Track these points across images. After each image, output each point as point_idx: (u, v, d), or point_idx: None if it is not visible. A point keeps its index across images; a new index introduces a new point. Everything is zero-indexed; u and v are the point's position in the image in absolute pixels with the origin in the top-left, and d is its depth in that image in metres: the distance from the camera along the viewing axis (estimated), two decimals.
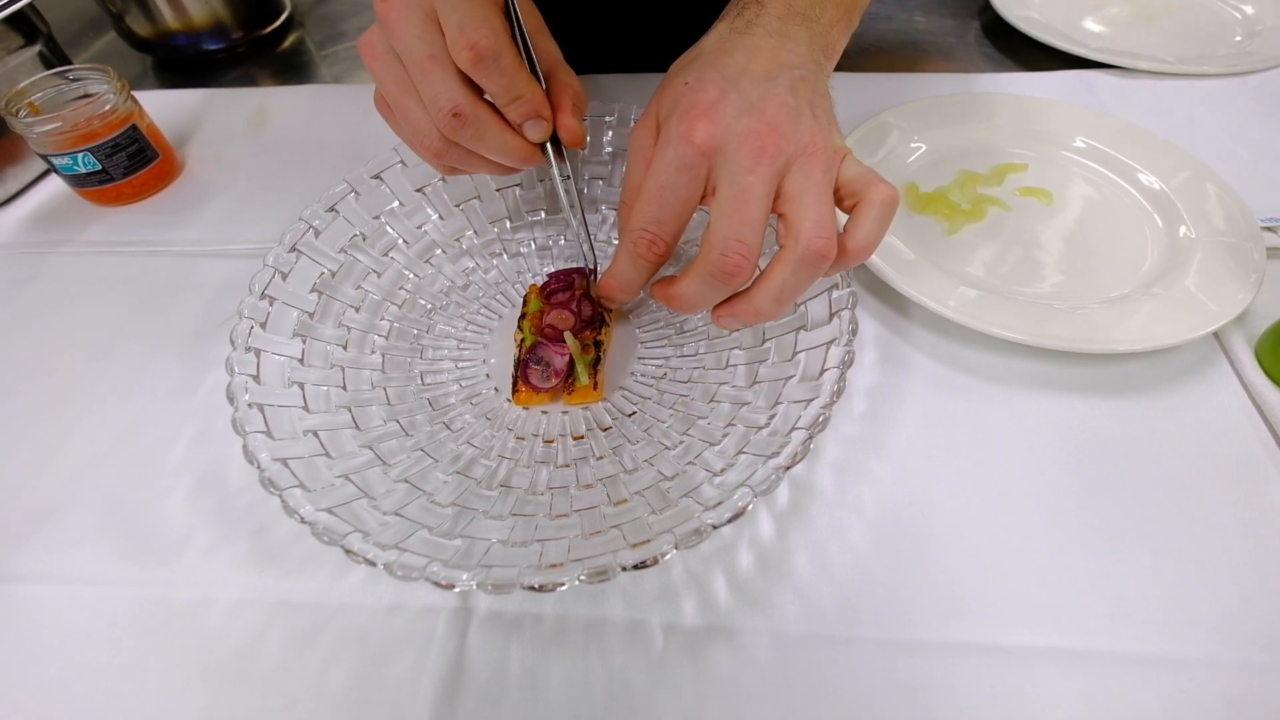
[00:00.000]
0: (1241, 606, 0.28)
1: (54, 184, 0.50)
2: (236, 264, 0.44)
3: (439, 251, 0.41)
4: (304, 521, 0.26)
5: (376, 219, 0.40)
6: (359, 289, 0.38)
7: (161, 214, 0.49)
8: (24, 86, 0.46)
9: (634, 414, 0.34)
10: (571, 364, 0.35)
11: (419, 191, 0.41)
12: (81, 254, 0.46)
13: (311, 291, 0.37)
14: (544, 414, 0.35)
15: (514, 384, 0.35)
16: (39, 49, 0.51)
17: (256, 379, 0.32)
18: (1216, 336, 0.36)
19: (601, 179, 0.43)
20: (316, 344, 0.35)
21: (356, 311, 0.38)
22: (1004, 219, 0.43)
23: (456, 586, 0.25)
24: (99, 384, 0.39)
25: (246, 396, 0.31)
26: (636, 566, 0.25)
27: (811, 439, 0.27)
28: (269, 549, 0.32)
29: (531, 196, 0.43)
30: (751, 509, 0.26)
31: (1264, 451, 0.33)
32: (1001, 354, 0.36)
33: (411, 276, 0.40)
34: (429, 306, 0.39)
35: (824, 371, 0.30)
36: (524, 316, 0.37)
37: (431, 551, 0.26)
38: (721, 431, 0.31)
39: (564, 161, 0.32)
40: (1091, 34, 0.58)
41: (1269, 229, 0.39)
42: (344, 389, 0.34)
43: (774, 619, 0.29)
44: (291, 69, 0.64)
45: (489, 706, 0.27)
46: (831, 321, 0.32)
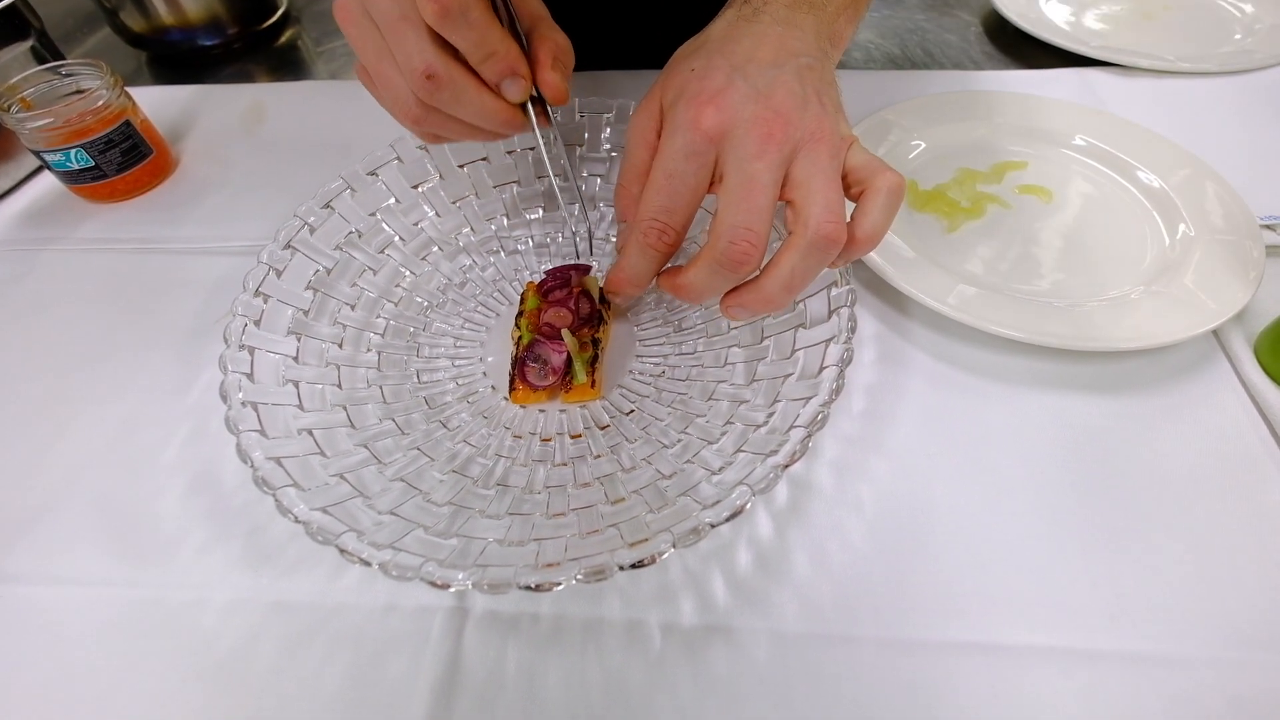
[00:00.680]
0: (1241, 605, 0.28)
1: (47, 180, 0.50)
2: (231, 261, 0.44)
3: (435, 249, 0.41)
4: (298, 521, 0.26)
5: (372, 216, 0.40)
6: (355, 286, 0.38)
7: (155, 211, 0.48)
8: (16, 82, 0.45)
9: (632, 412, 0.34)
10: (569, 362, 0.34)
11: (415, 188, 0.41)
12: (75, 251, 0.46)
13: (306, 289, 0.36)
14: (541, 412, 0.35)
15: (511, 382, 0.35)
16: (31, 44, 0.51)
17: (250, 377, 0.32)
18: (1215, 334, 0.36)
19: (600, 176, 0.43)
20: (311, 342, 0.35)
21: (352, 309, 0.37)
22: (1003, 217, 0.43)
23: (452, 586, 0.24)
24: (92, 382, 0.38)
25: (240, 395, 0.30)
26: (634, 566, 0.24)
27: (810, 437, 0.27)
28: (263, 549, 0.31)
29: (529, 193, 0.43)
30: (750, 507, 0.26)
31: (1263, 449, 0.33)
32: (1001, 352, 0.36)
33: (408, 274, 0.40)
34: (425, 304, 0.39)
35: (823, 369, 0.30)
36: (521, 314, 0.37)
37: (427, 551, 0.26)
38: (720, 430, 0.31)
39: (549, 124, 0.31)
40: (1091, 32, 0.58)
41: (1268, 227, 0.39)
42: (339, 387, 0.34)
43: (773, 618, 0.29)
44: (287, 65, 0.64)
45: (485, 707, 0.27)
46: (830, 319, 0.32)
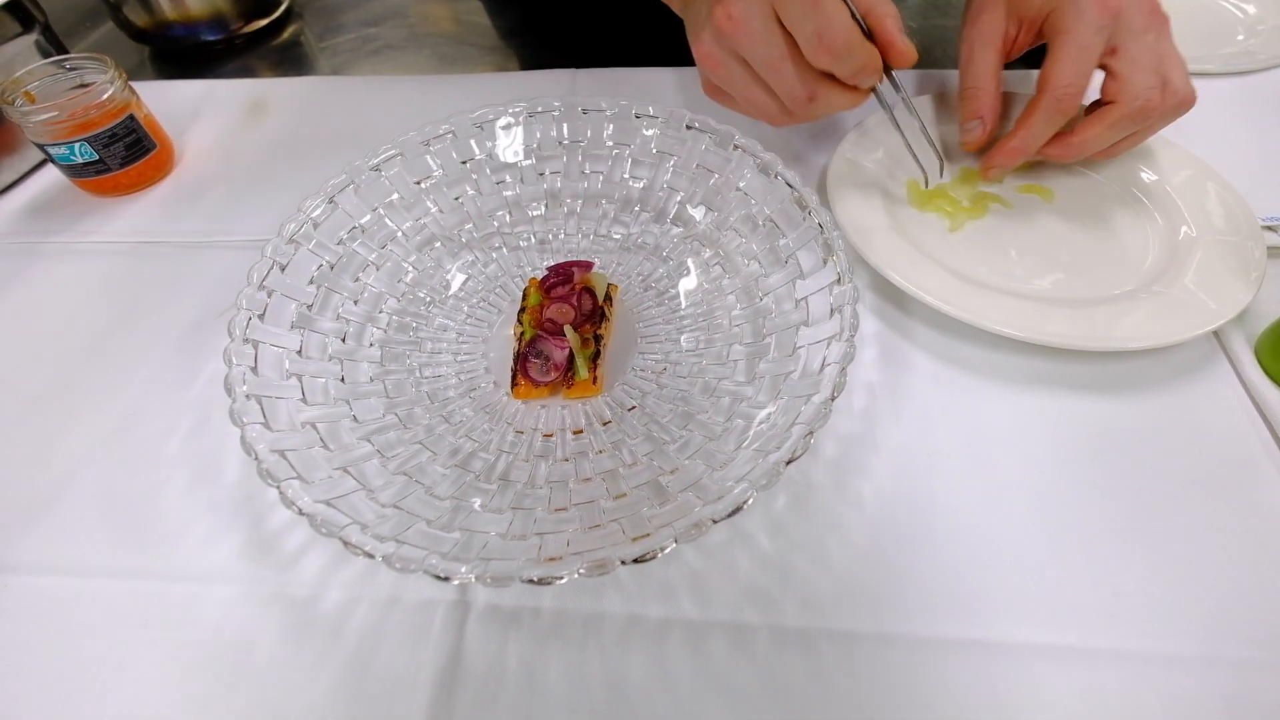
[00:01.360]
0: (1240, 604, 0.28)
1: (50, 174, 0.50)
2: (234, 255, 0.44)
3: (438, 244, 0.41)
4: (302, 513, 0.26)
5: (376, 211, 0.40)
6: (358, 281, 0.38)
7: (159, 205, 0.48)
8: (20, 75, 0.45)
9: (634, 408, 0.34)
10: (571, 358, 0.35)
11: (418, 184, 0.41)
12: (78, 245, 0.46)
13: (310, 283, 0.36)
14: (543, 408, 0.35)
15: (513, 378, 0.35)
16: (35, 37, 0.51)
17: (254, 370, 0.32)
18: (1216, 335, 0.36)
19: (601, 173, 0.43)
20: (315, 336, 0.35)
21: (355, 304, 0.38)
22: (1005, 216, 0.43)
23: (455, 579, 0.24)
24: (95, 375, 0.38)
25: (244, 388, 0.31)
26: (636, 560, 0.24)
27: (812, 434, 0.27)
28: (266, 541, 0.31)
29: (532, 191, 0.43)
30: (751, 504, 0.26)
31: (1263, 450, 0.33)
32: (1001, 351, 0.36)
33: (411, 269, 0.40)
34: (428, 299, 0.39)
35: (824, 367, 0.30)
36: (523, 310, 0.37)
37: (430, 544, 0.26)
38: (721, 426, 0.31)
39: (895, 85, 0.37)
40: None
41: (1269, 228, 0.39)
42: (342, 381, 0.34)
43: (773, 614, 0.29)
44: (290, 61, 0.64)
45: (486, 700, 0.27)
46: (833, 317, 0.32)
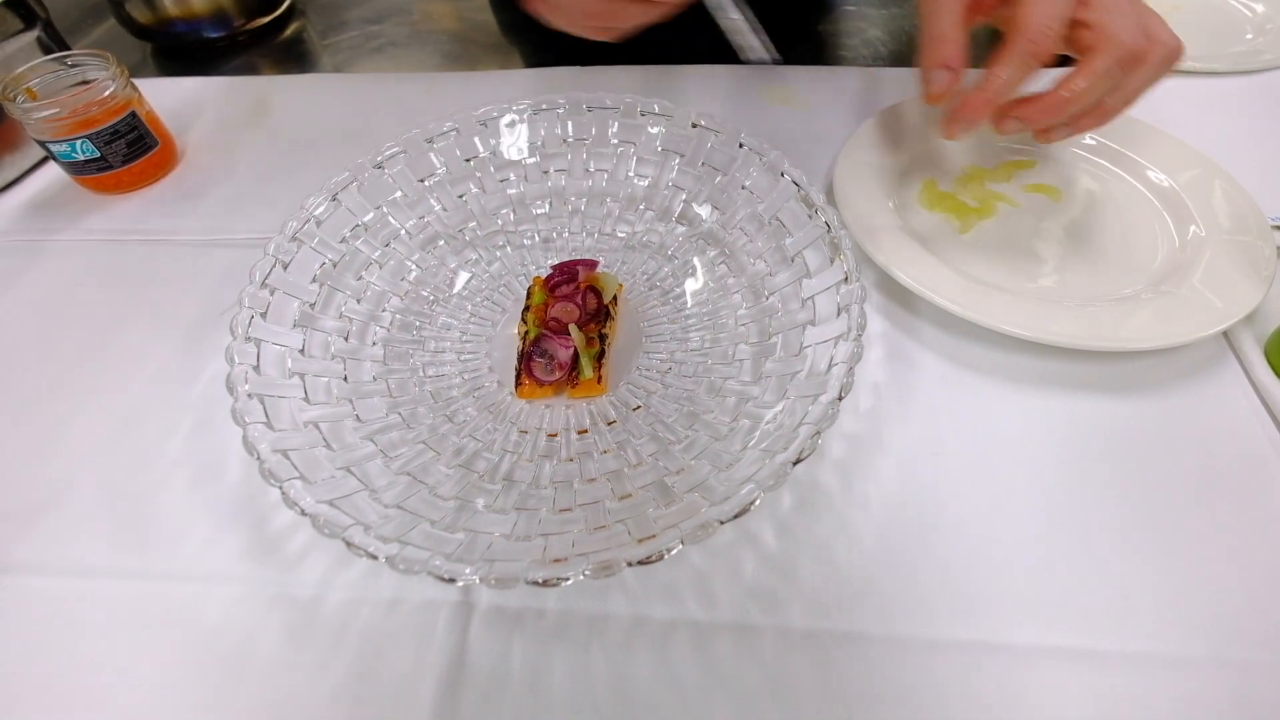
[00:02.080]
0: (1249, 606, 0.28)
1: (52, 171, 0.50)
2: (237, 253, 0.44)
3: (441, 243, 0.41)
4: (304, 514, 0.26)
5: (379, 209, 0.39)
6: (361, 280, 0.38)
7: (161, 203, 0.48)
8: (21, 72, 0.45)
9: (639, 408, 0.34)
10: (576, 357, 0.34)
11: (421, 182, 0.41)
12: (80, 242, 0.46)
13: (313, 282, 0.36)
14: (547, 408, 0.35)
15: (517, 377, 0.35)
16: (37, 34, 0.50)
17: (257, 369, 0.31)
18: (1226, 335, 0.36)
19: (606, 171, 0.43)
20: (318, 335, 0.35)
21: (358, 302, 0.37)
22: (1013, 216, 0.42)
23: (459, 580, 0.24)
24: (97, 374, 0.38)
25: (246, 387, 0.30)
26: (642, 562, 0.24)
27: (819, 434, 0.27)
28: (269, 541, 0.31)
29: (536, 189, 0.43)
30: (757, 504, 0.26)
31: (1273, 451, 0.32)
32: (1009, 351, 0.36)
33: (414, 268, 0.40)
34: (431, 298, 0.39)
35: (831, 366, 0.30)
36: (528, 309, 0.37)
37: (434, 545, 0.26)
38: (727, 426, 0.31)
39: None
40: None
41: (1279, 227, 0.39)
42: (345, 380, 0.34)
43: (779, 615, 0.28)
44: (293, 58, 0.64)
45: (490, 702, 0.27)
46: (840, 317, 0.32)
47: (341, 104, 0.54)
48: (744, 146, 0.39)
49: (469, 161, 0.42)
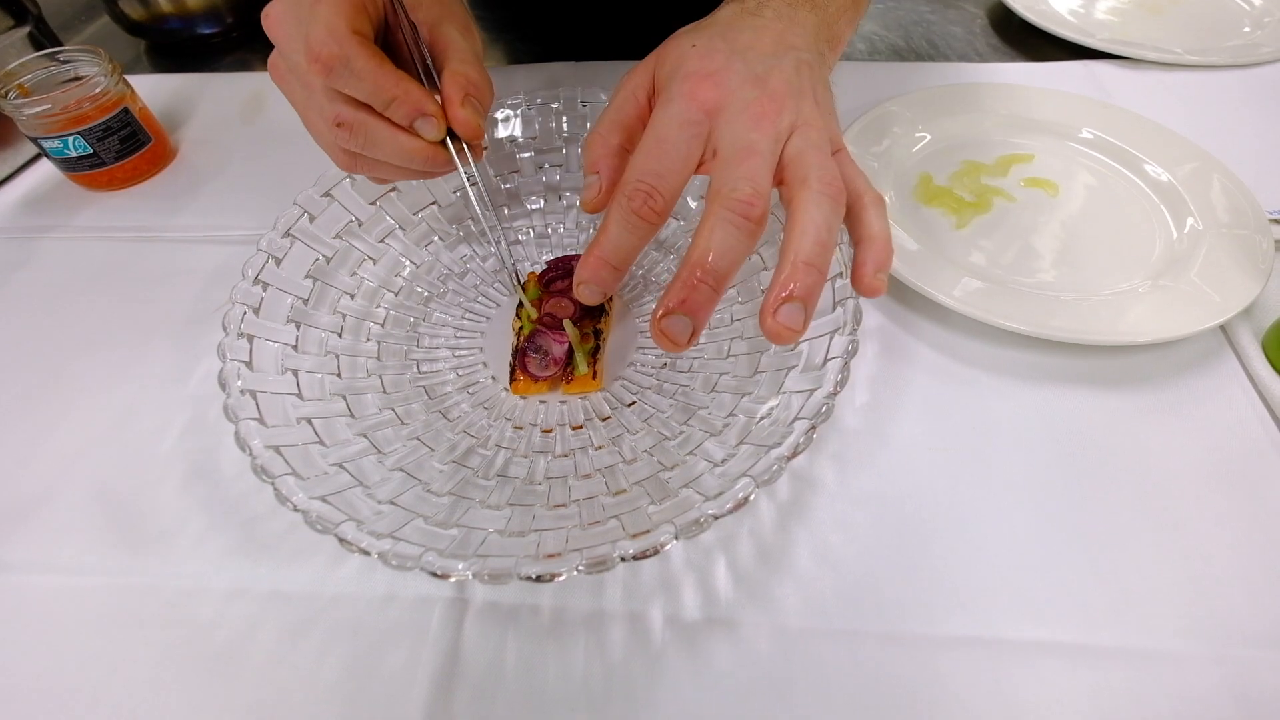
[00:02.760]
0: (1248, 602, 0.28)
1: (45, 168, 0.50)
2: (230, 250, 0.43)
3: (436, 239, 0.41)
4: (297, 510, 0.26)
5: (373, 205, 0.39)
6: (354, 276, 0.38)
7: (153, 199, 0.48)
8: (13, 68, 0.45)
9: (634, 404, 0.34)
10: (570, 353, 0.34)
11: None
12: (73, 239, 0.45)
13: (306, 277, 0.36)
14: (542, 403, 0.35)
15: (512, 373, 0.35)
16: (29, 30, 0.50)
17: (249, 365, 0.31)
18: (1223, 329, 0.36)
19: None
20: (311, 331, 0.35)
21: (352, 298, 0.37)
22: (1009, 210, 0.42)
23: (452, 576, 0.24)
24: (89, 371, 0.38)
25: (239, 383, 0.30)
26: (636, 557, 0.24)
27: (814, 429, 0.27)
28: (262, 538, 0.31)
29: (531, 184, 0.43)
30: (753, 500, 0.25)
31: (1270, 445, 0.32)
32: (1005, 346, 0.36)
33: (408, 263, 0.39)
34: (426, 294, 0.39)
35: (827, 361, 0.29)
36: (522, 304, 0.37)
37: (427, 541, 0.26)
38: (722, 422, 0.31)
39: (468, 161, 0.30)
40: (1099, 24, 0.57)
41: (1277, 221, 0.39)
42: (339, 376, 0.34)
43: (775, 612, 0.28)
44: None
45: (485, 699, 0.27)
46: (835, 311, 0.31)
47: None
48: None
49: None
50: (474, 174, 0.31)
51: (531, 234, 0.42)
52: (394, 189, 0.40)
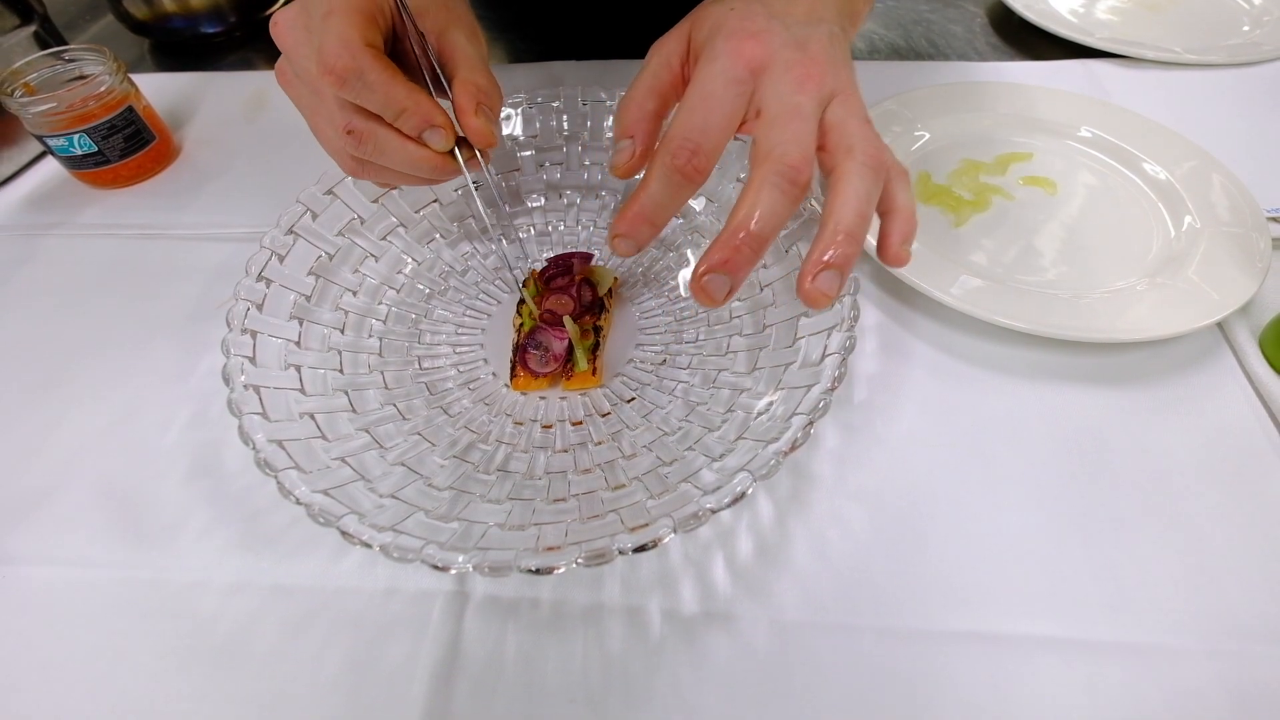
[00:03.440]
0: (1243, 597, 0.28)
1: (50, 166, 0.50)
2: (233, 248, 0.44)
3: (437, 236, 0.41)
4: (300, 503, 0.26)
5: (375, 203, 0.39)
6: (357, 273, 0.38)
7: (158, 197, 0.48)
8: (19, 66, 0.45)
9: (633, 399, 0.34)
10: (570, 349, 0.34)
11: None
12: (77, 237, 0.46)
13: (309, 274, 0.36)
14: (542, 399, 0.35)
15: (512, 369, 0.35)
16: (34, 29, 0.51)
17: (253, 361, 0.32)
18: (1220, 327, 0.36)
19: (600, 165, 0.43)
20: (314, 327, 0.35)
21: (354, 295, 0.37)
22: (1008, 209, 0.42)
23: (453, 569, 0.24)
24: (94, 367, 0.38)
25: (242, 378, 0.30)
26: (635, 550, 0.24)
27: (812, 424, 0.27)
28: (264, 532, 0.31)
29: (532, 182, 0.43)
30: (751, 494, 0.26)
31: (1267, 442, 0.32)
32: (1003, 343, 0.36)
33: (410, 261, 0.40)
34: (427, 291, 0.39)
35: (825, 357, 0.30)
36: (523, 301, 0.37)
37: (428, 534, 0.26)
38: (721, 417, 0.31)
39: (479, 167, 0.31)
40: (1098, 23, 0.58)
41: (1275, 219, 0.39)
42: (341, 372, 0.34)
43: (772, 606, 0.29)
44: None
45: (485, 691, 0.27)
46: (833, 307, 0.31)
47: None
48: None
49: None
50: (481, 179, 0.31)
51: (532, 231, 0.42)
52: (396, 187, 0.40)
